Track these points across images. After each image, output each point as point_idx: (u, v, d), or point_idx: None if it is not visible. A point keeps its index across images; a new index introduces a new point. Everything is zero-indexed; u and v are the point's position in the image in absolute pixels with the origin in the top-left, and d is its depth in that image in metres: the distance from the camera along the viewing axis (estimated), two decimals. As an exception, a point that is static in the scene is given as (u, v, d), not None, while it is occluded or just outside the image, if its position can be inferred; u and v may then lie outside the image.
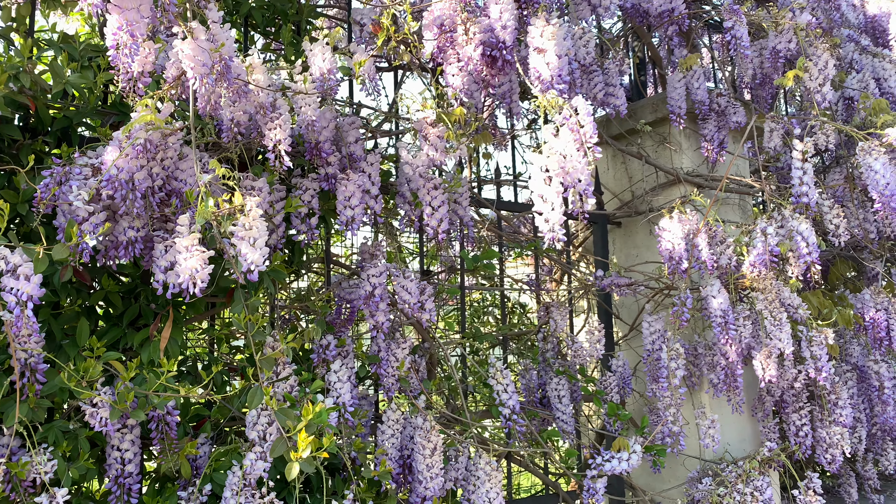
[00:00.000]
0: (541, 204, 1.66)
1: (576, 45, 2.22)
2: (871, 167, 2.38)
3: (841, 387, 2.79)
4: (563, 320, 2.65)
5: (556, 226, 1.64)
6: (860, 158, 2.41)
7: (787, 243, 2.45)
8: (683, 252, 2.40)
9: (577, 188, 1.71)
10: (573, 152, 1.69)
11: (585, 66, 2.25)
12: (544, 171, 1.67)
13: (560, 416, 2.60)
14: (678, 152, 3.06)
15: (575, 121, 1.70)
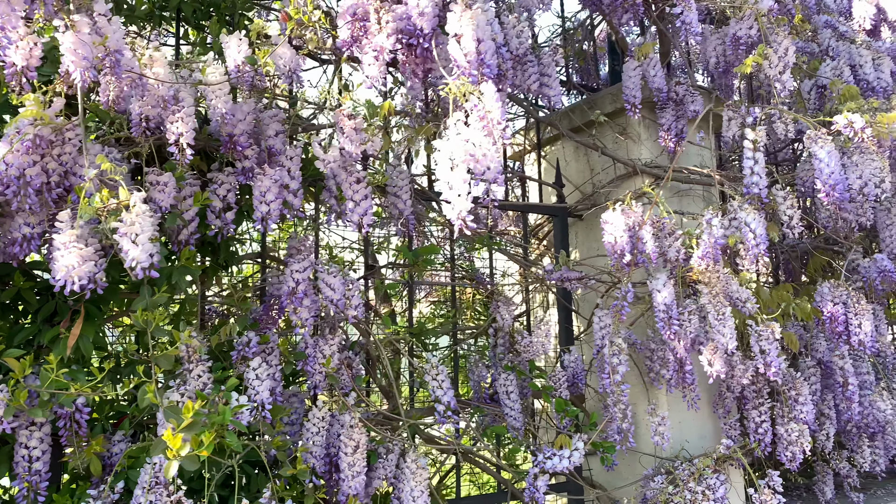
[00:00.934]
0: (447, 191, 1.62)
1: (508, 35, 2.17)
2: (817, 155, 2.30)
3: (802, 383, 2.72)
4: (511, 315, 2.60)
5: (463, 213, 1.59)
6: (808, 146, 2.33)
7: (737, 235, 2.39)
8: (626, 245, 2.34)
9: (486, 176, 1.66)
10: (482, 140, 1.64)
11: (519, 57, 2.19)
12: (449, 158, 1.62)
13: (508, 412, 2.55)
14: (637, 143, 2.99)
15: (483, 108, 1.65)
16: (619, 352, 2.36)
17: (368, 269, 2.48)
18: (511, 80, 2.19)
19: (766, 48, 2.74)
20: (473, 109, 1.66)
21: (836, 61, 3.41)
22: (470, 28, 1.81)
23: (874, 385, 3.13)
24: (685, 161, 3.04)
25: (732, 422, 2.85)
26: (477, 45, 1.83)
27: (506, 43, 2.18)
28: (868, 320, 2.60)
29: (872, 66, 3.48)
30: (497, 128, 1.62)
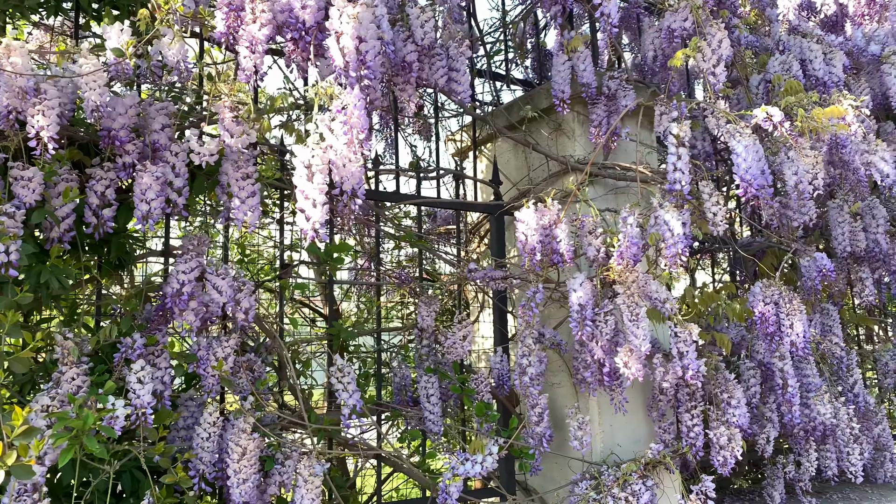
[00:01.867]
0: (302, 200, 1.55)
1: (413, 25, 2.09)
2: (734, 150, 2.22)
3: (734, 386, 2.64)
4: (433, 315, 2.53)
5: (316, 223, 1.52)
6: (727, 140, 2.25)
7: (657, 234, 2.31)
8: (537, 243, 2.27)
9: (345, 186, 1.59)
10: (342, 148, 1.58)
11: (425, 49, 2.12)
12: (306, 166, 1.55)
13: (428, 415, 2.48)
14: (571, 139, 2.91)
15: (347, 113, 1.58)
16: (528, 353, 2.28)
17: (283, 267, 2.42)
18: (416, 74, 2.12)
19: (700, 41, 2.66)
20: (338, 115, 1.59)
21: (784, 56, 3.33)
22: (351, 26, 1.74)
23: (819, 388, 3.05)
24: (624, 157, 2.97)
25: (666, 425, 2.77)
26: (357, 45, 1.76)
27: (410, 35, 2.11)
28: (800, 321, 2.52)
29: (823, 61, 3.39)
30: (358, 137, 1.55)
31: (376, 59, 1.83)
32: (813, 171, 2.57)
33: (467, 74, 2.20)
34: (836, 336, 3.51)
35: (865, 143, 2.70)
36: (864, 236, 3.47)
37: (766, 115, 2.20)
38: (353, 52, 1.75)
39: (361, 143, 1.56)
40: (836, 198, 3.46)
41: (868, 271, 3.58)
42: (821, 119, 2.61)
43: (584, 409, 2.73)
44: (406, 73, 2.09)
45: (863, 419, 3.56)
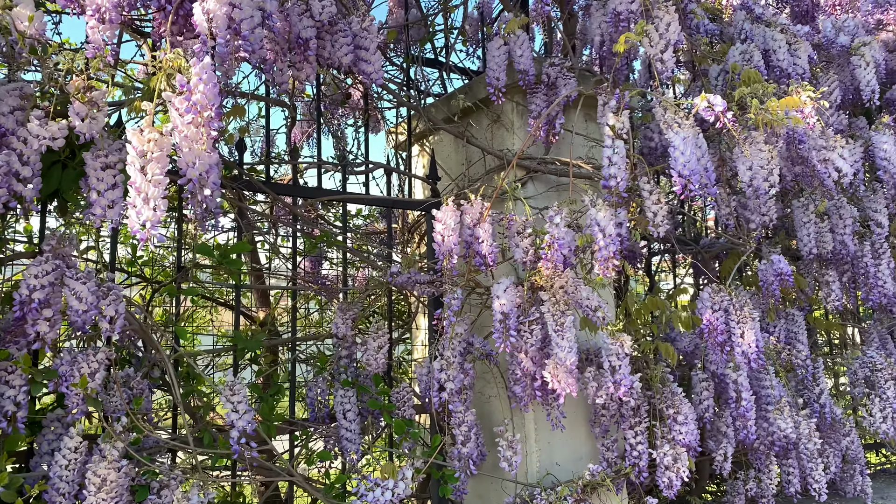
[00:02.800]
0: (133, 194, 1.31)
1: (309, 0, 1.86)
2: (672, 142, 2.00)
3: (681, 400, 2.42)
4: (348, 323, 2.30)
5: (148, 222, 1.29)
6: (665, 132, 2.03)
7: (589, 235, 2.09)
8: (454, 244, 2.04)
9: (189, 174, 1.36)
10: (188, 128, 1.34)
11: (324, 25, 1.88)
12: (140, 153, 1.32)
13: (344, 433, 2.25)
14: (510, 131, 2.69)
15: (191, 88, 1.35)
16: (447, 366, 2.06)
17: (179, 270, 2.18)
18: (314, 52, 1.88)
19: (647, 24, 2.44)
20: (182, 91, 1.36)
21: (745, 45, 3.11)
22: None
23: (778, 400, 2.84)
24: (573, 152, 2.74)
25: (610, 442, 2.55)
26: (230, 11, 1.53)
27: (308, 9, 1.87)
28: (752, 330, 2.30)
29: (788, 52, 3.18)
30: (205, 115, 1.32)
31: (256, 32, 1.60)
32: (768, 166, 2.36)
33: (377, 53, 1.96)
34: (802, 343, 3.31)
35: (823, 139, 2.48)
36: (830, 237, 3.27)
37: (707, 104, 1.98)
38: (224, 19, 1.51)
39: (209, 122, 1.33)
40: (803, 196, 3.25)
41: (835, 274, 3.38)
42: (776, 111, 2.40)
43: (518, 425, 2.50)
44: (303, 50, 1.86)
45: (829, 431, 3.36)
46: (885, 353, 3.81)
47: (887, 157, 2.96)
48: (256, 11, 1.62)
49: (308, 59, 1.90)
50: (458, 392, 2.21)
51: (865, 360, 3.49)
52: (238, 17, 1.55)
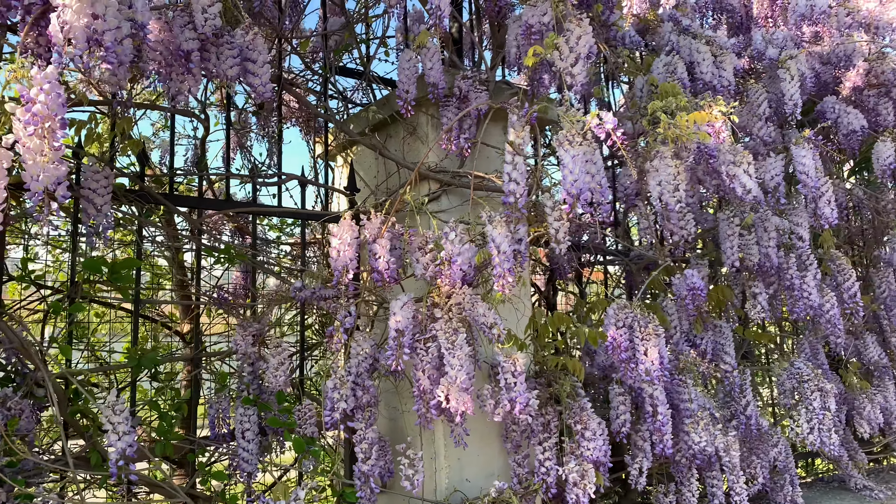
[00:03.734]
0: None
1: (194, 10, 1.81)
2: (561, 160, 1.98)
3: (589, 416, 2.41)
4: (248, 339, 2.26)
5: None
6: (557, 149, 2.02)
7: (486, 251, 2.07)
8: (349, 260, 2.01)
9: (35, 185, 1.32)
10: (30, 140, 1.30)
11: (208, 37, 1.84)
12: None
13: (242, 452, 2.21)
14: (425, 144, 2.66)
15: (32, 98, 1.30)
16: (338, 385, 2.02)
17: (73, 286, 2.12)
18: (196, 64, 1.84)
19: (557, 37, 2.43)
20: (28, 93, 1.31)
21: (670, 57, 3.12)
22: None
23: (695, 413, 2.84)
24: (487, 165, 2.73)
25: (521, 458, 2.53)
26: (90, 22, 1.48)
27: (191, 21, 1.83)
28: (655, 346, 2.30)
29: (713, 64, 3.20)
30: (48, 126, 1.27)
31: (125, 43, 1.56)
32: (674, 182, 2.36)
33: (266, 66, 1.93)
34: (729, 355, 3.33)
35: (732, 154, 2.49)
36: (756, 250, 3.29)
37: (599, 121, 1.97)
38: (82, 31, 1.46)
39: (52, 133, 1.29)
40: (728, 209, 3.26)
41: (762, 286, 3.40)
42: (685, 126, 2.40)
43: (427, 440, 2.48)
44: (185, 63, 1.82)
45: (757, 442, 3.38)
46: (816, 364, 3.85)
47: (805, 171, 2.98)
48: (125, 23, 1.57)
49: (191, 71, 1.86)
50: (358, 409, 2.18)
51: (793, 371, 3.51)
52: (101, 29, 1.50)
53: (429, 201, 2.64)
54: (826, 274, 3.70)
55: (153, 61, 1.85)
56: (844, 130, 3.68)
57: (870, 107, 3.91)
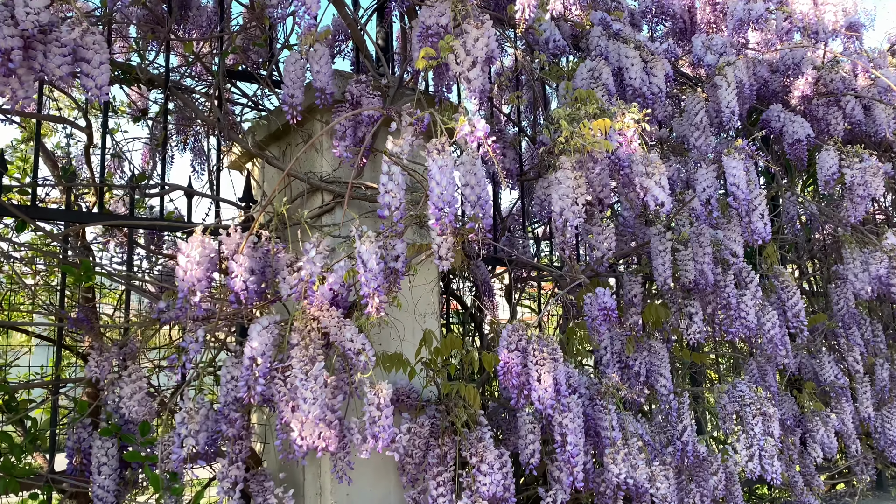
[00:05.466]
0: None
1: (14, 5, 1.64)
2: (429, 171, 1.81)
3: (486, 447, 2.23)
4: (106, 368, 2.07)
5: None
6: (426, 158, 1.84)
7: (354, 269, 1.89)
8: (197, 279, 1.83)
9: None
10: None
11: (30, 35, 1.67)
12: None
13: (97, 490, 2.02)
14: (319, 153, 2.49)
15: None
16: (186, 420, 1.83)
17: None
18: (18, 64, 1.66)
19: (453, 39, 2.26)
20: None
21: (595, 62, 2.96)
22: None
23: (615, 442, 2.66)
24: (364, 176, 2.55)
25: (417, 493, 2.34)
26: None
27: (12, 17, 1.66)
28: (550, 371, 2.11)
29: (644, 70, 3.04)
30: None
31: None
32: (573, 195, 2.19)
33: (104, 66, 1.75)
34: (664, 377, 3.15)
35: (644, 165, 2.32)
36: (692, 266, 3.11)
37: (471, 128, 1.80)
38: None
39: None
40: (658, 223, 3.09)
41: (698, 305, 3.22)
42: (589, 135, 2.24)
43: (313, 474, 2.28)
44: (4, 63, 1.64)
45: (696, 470, 3.19)
46: (764, 386, 3.67)
47: (736, 183, 2.81)
48: None
49: (15, 72, 1.68)
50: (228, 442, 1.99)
51: (734, 394, 3.33)
52: None
53: (321, 214, 2.46)
54: (771, 291, 3.53)
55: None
56: (790, 140, 3.52)
57: (818, 116, 3.76)
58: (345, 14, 2.75)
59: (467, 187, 1.88)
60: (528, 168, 3.41)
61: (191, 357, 1.82)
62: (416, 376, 2.25)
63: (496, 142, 3.20)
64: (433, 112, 2.04)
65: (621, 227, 3.42)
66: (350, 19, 2.77)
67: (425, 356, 2.27)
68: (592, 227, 2.75)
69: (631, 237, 3.52)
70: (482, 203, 1.86)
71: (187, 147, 3.36)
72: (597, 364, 3.09)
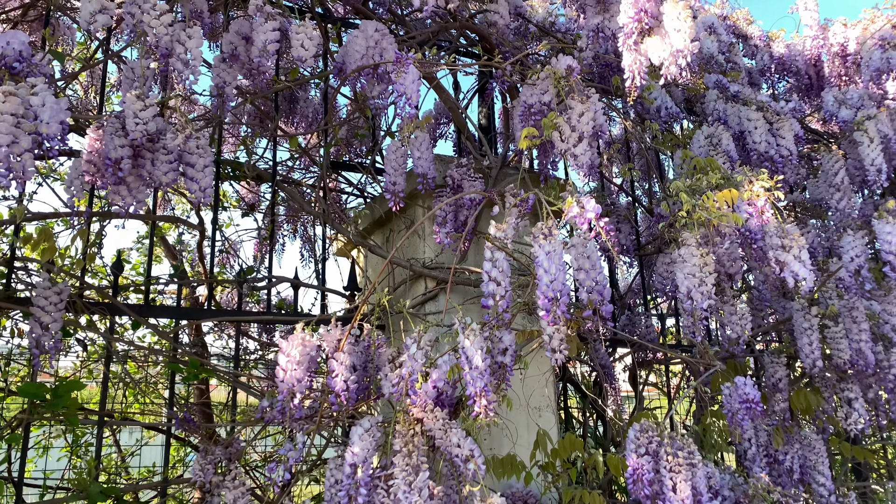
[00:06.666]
0: None
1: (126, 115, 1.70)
2: (536, 257, 1.65)
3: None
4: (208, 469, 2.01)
5: None
6: (532, 244, 1.69)
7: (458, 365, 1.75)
8: (297, 380, 1.74)
9: None
10: None
11: (139, 143, 1.71)
12: None
13: None
14: (421, 238, 2.41)
15: None
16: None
17: (31, 409, 1.98)
18: (127, 172, 1.71)
19: (557, 116, 2.15)
20: None
21: (713, 127, 2.74)
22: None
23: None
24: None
25: None
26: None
27: (122, 127, 1.72)
28: (687, 480, 1.83)
29: (769, 132, 2.79)
30: None
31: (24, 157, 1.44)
32: (700, 274, 1.96)
33: (208, 169, 1.77)
34: (822, 475, 2.73)
35: (779, 237, 2.05)
36: (846, 344, 2.72)
37: (580, 209, 1.64)
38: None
39: None
40: (801, 297, 2.75)
41: (857, 389, 2.79)
42: (713, 208, 2.02)
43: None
44: (114, 172, 1.69)
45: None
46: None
47: (893, 250, 2.45)
48: (26, 137, 1.47)
49: (124, 180, 1.73)
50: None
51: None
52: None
53: (424, 301, 2.36)
54: (947, 371, 3.02)
55: (86, 172, 1.74)
56: (951, 198, 3.08)
57: None
58: (446, 98, 2.72)
59: (581, 271, 1.71)
60: (645, 241, 3.19)
61: (290, 465, 1.72)
62: (532, 480, 2.04)
63: (608, 216, 3.04)
64: (538, 192, 1.91)
65: (756, 300, 3.09)
66: (451, 103, 2.74)
67: (541, 459, 2.06)
68: (724, 304, 2.47)
69: (769, 312, 3.18)
70: (599, 288, 1.68)
71: (296, 235, 3.41)
72: (739, 459, 2.73)
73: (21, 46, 1.60)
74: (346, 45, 2.21)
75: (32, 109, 1.50)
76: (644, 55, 2.19)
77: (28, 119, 1.49)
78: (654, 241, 3.08)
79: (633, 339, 2.84)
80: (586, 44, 2.49)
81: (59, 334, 1.89)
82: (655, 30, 2.20)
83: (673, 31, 2.09)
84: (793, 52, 3.48)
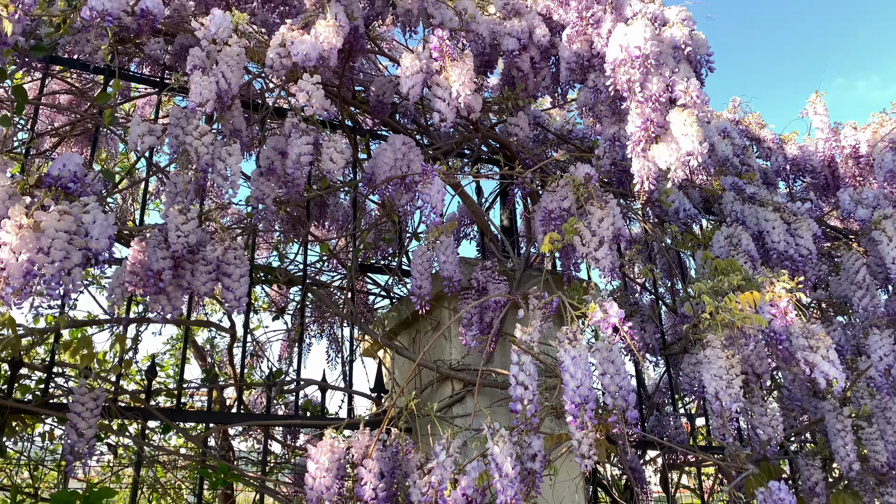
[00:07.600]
0: None
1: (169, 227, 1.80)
2: (561, 362, 1.67)
3: None
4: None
5: None
6: (558, 349, 1.72)
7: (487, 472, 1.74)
8: (325, 488, 1.74)
9: None
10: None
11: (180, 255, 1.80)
12: None
13: None
14: (447, 340, 2.45)
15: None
16: None
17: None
18: (168, 282, 1.79)
19: (578, 222, 2.23)
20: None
21: (732, 228, 2.80)
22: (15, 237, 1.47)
23: None
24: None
25: None
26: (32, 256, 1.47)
27: (165, 240, 1.82)
28: None
29: (786, 231, 2.84)
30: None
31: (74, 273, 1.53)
32: (727, 376, 1.96)
33: (244, 279, 1.85)
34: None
35: (806, 338, 2.06)
36: (882, 446, 2.66)
37: (603, 314, 1.68)
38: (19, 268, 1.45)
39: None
40: (833, 398, 2.71)
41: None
42: (736, 310, 2.05)
43: None
44: (154, 283, 1.77)
45: None
46: None
47: (922, 350, 2.44)
48: (77, 252, 1.56)
49: (165, 290, 1.81)
50: None
51: None
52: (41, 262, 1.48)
53: (451, 403, 2.37)
54: None
55: (129, 283, 1.83)
56: (976, 295, 3.07)
57: None
58: (469, 203, 2.83)
59: (606, 376, 1.73)
60: (671, 340, 3.19)
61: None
62: None
63: (632, 316, 3.06)
64: (561, 295, 1.96)
65: (787, 400, 3.04)
66: (475, 207, 2.84)
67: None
68: (753, 404, 2.44)
69: (800, 411, 3.12)
70: (624, 393, 1.69)
71: (323, 335, 3.46)
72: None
73: (76, 168, 1.72)
74: (376, 157, 2.34)
75: (84, 227, 1.60)
76: (652, 161, 2.29)
77: (80, 235, 1.59)
78: (679, 340, 3.08)
79: (662, 441, 2.79)
80: (604, 151, 2.60)
81: (93, 441, 1.93)
82: (662, 137, 2.31)
83: (681, 136, 2.19)
84: (806, 153, 3.59)
